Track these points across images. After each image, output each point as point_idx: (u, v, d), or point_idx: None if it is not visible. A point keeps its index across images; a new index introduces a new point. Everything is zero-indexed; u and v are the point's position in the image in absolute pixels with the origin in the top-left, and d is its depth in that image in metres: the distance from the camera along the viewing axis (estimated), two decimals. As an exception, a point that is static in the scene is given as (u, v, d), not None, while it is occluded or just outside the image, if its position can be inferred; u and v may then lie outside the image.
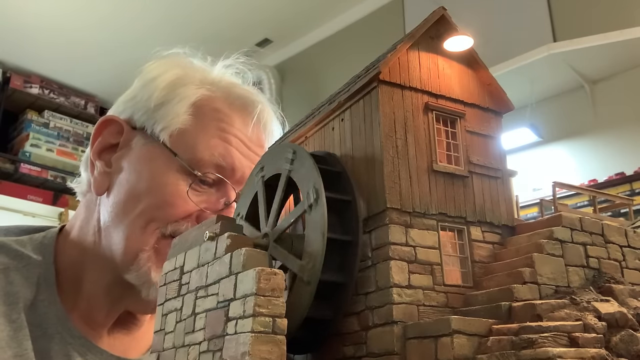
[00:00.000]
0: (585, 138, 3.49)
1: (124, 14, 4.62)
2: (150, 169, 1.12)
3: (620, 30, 3.08)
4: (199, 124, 1.14)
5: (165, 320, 0.84)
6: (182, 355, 0.76)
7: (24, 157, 5.44)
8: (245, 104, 1.21)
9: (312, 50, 5.39)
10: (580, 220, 0.85)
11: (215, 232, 0.78)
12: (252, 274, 0.66)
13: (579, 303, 0.73)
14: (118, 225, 1.11)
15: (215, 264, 0.75)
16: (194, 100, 1.16)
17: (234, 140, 1.15)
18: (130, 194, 1.11)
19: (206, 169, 1.12)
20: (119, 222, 1.11)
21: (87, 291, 1.13)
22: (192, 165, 1.11)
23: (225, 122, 1.16)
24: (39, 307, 1.07)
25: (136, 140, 1.16)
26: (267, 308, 0.65)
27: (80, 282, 1.14)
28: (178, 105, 1.14)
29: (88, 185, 1.22)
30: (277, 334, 0.65)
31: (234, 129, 1.16)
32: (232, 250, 0.73)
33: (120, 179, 1.13)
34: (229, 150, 1.14)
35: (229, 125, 1.16)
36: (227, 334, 0.68)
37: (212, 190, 1.13)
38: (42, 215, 5.11)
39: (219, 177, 1.12)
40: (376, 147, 0.86)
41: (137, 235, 1.08)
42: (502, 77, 1.89)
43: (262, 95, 1.24)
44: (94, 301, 1.13)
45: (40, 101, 5.67)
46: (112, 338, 1.16)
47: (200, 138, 1.13)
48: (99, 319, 1.13)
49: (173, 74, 1.18)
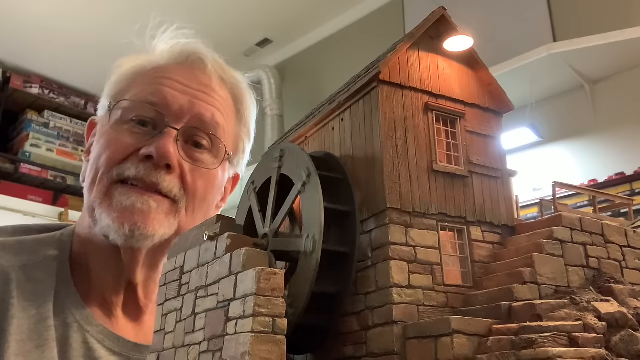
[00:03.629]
0: (585, 138, 3.49)
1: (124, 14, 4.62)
2: (99, 132, 1.21)
3: (620, 30, 3.08)
4: (132, 81, 1.22)
5: (165, 320, 0.84)
6: (182, 355, 0.76)
7: (24, 157, 5.43)
8: (180, 53, 1.26)
9: (312, 50, 5.39)
10: (580, 220, 0.85)
11: (215, 232, 0.78)
12: (252, 274, 0.66)
13: (579, 303, 0.73)
14: (85, 194, 1.19)
15: (215, 264, 0.75)
16: (131, 66, 1.24)
17: (166, 81, 1.20)
18: (90, 163, 1.19)
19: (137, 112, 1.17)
20: (85, 190, 1.19)
21: (95, 275, 1.18)
22: None
23: (158, 71, 1.22)
24: (58, 299, 1.11)
25: (99, 124, 1.25)
26: (267, 308, 0.65)
27: (89, 269, 1.18)
28: (117, 75, 1.23)
29: None
30: (277, 334, 0.65)
31: (168, 73, 1.21)
32: (232, 250, 0.73)
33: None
34: (158, 88, 1.18)
35: (161, 72, 1.21)
36: (227, 334, 0.68)
37: (152, 130, 1.17)
38: (42, 215, 5.10)
39: (150, 109, 1.15)
40: (376, 147, 0.86)
41: (92, 189, 1.15)
42: (502, 77, 1.89)
43: (203, 47, 1.29)
44: (102, 282, 1.17)
45: (40, 101, 5.67)
46: (125, 325, 1.20)
47: (133, 88, 1.20)
48: (109, 298, 1.17)
49: (122, 64, 1.27)
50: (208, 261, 0.77)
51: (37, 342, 1.04)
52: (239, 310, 0.67)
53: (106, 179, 1.12)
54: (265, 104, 5.12)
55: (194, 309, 0.77)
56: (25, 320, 1.05)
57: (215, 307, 0.72)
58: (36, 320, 1.06)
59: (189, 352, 0.75)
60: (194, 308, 0.77)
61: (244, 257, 0.69)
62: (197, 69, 1.23)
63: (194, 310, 0.77)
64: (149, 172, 1.10)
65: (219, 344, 0.69)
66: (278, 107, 5.17)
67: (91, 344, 1.09)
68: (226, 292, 0.70)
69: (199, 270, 0.78)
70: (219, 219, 0.79)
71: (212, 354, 0.70)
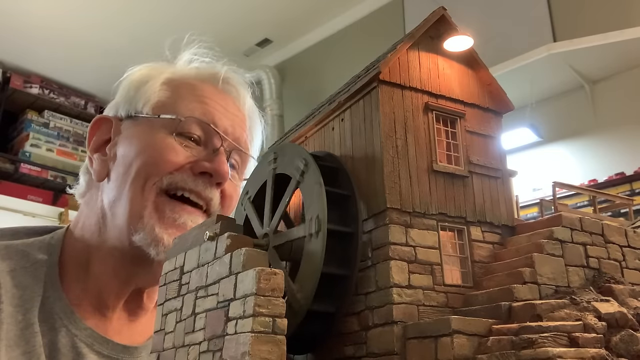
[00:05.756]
0: (585, 138, 3.49)
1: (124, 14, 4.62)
2: (139, 137, 1.21)
3: (620, 30, 3.08)
4: (175, 94, 1.25)
5: (165, 320, 0.84)
6: (182, 355, 0.76)
7: (24, 157, 5.44)
8: (212, 75, 1.31)
9: (312, 50, 5.39)
10: (580, 220, 0.85)
11: (215, 232, 0.78)
12: (252, 274, 0.66)
13: (579, 303, 0.73)
14: (121, 196, 1.18)
15: (215, 264, 0.75)
16: (167, 77, 1.27)
17: (211, 102, 1.26)
18: (126, 164, 1.19)
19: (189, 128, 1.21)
20: (120, 192, 1.18)
21: (95, 279, 1.18)
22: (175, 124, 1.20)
23: (198, 90, 1.26)
24: (46, 304, 1.12)
25: (125, 125, 1.26)
26: (267, 308, 0.65)
27: (87, 273, 1.18)
28: (153, 83, 1.25)
29: (87, 186, 1.27)
30: (277, 334, 0.65)
31: (210, 95, 1.27)
32: (232, 250, 0.72)
33: (117, 160, 1.21)
34: (207, 109, 1.23)
35: (202, 92, 1.26)
36: (227, 334, 0.68)
37: (199, 147, 1.22)
38: (42, 215, 5.10)
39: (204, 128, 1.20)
40: (376, 147, 0.86)
41: (138, 195, 1.15)
42: (502, 77, 1.89)
43: (235, 75, 1.35)
44: (103, 286, 1.17)
45: (40, 101, 5.67)
46: (120, 326, 1.20)
47: (179, 103, 1.23)
48: (109, 302, 1.17)
49: (143, 69, 1.30)
50: (208, 261, 0.77)
51: (24, 349, 1.04)
52: (239, 310, 0.67)
53: (156, 187, 1.15)
54: (265, 104, 5.12)
55: (194, 309, 0.77)
56: (13, 326, 1.05)
57: (215, 307, 0.72)
58: (23, 326, 1.06)
59: (189, 352, 0.75)
60: (194, 308, 0.77)
61: (244, 257, 0.69)
62: (230, 95, 1.32)
63: (194, 310, 0.77)
64: (205, 187, 1.17)
65: (219, 344, 0.69)
66: (278, 107, 5.17)
67: (80, 347, 1.10)
68: (226, 292, 0.70)
69: (199, 270, 0.78)
70: (219, 219, 0.79)
71: (212, 354, 0.70)
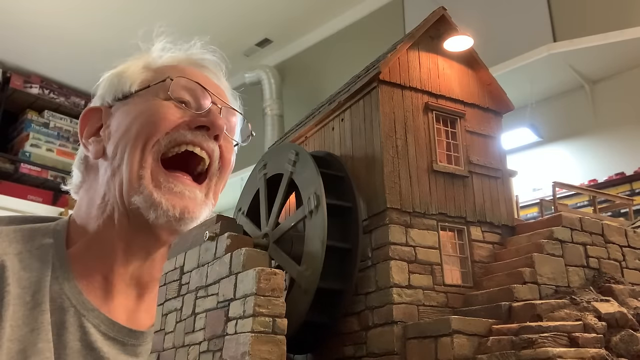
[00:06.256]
0: (585, 138, 3.49)
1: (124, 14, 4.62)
2: (133, 108, 1.23)
3: (620, 30, 3.08)
4: (157, 72, 1.27)
5: (165, 320, 0.84)
6: (182, 355, 0.76)
7: (24, 157, 5.43)
8: (188, 56, 1.33)
9: (312, 50, 5.38)
10: (580, 220, 0.85)
11: (215, 232, 0.78)
12: (252, 274, 0.66)
13: (579, 303, 0.73)
14: (122, 162, 1.19)
15: (215, 264, 0.75)
16: (147, 62, 1.29)
17: (193, 73, 1.27)
18: (124, 132, 1.20)
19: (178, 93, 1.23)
20: (121, 158, 1.19)
21: (99, 253, 1.19)
22: None
23: (179, 67, 1.28)
24: (54, 284, 1.14)
25: (115, 108, 1.28)
26: (267, 308, 0.65)
27: (94, 254, 1.19)
28: (135, 69, 1.27)
29: (83, 175, 1.30)
30: (277, 334, 0.65)
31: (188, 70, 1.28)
32: (232, 250, 0.72)
33: (113, 134, 1.23)
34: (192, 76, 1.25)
35: (183, 68, 1.28)
36: (227, 334, 0.68)
37: (191, 110, 1.23)
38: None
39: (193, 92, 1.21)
40: (376, 147, 0.86)
41: (138, 156, 1.16)
42: (502, 77, 1.89)
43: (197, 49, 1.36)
44: (107, 261, 1.19)
45: (40, 101, 5.66)
46: (123, 310, 1.21)
47: (164, 74, 1.25)
48: (114, 280, 1.19)
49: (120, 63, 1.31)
50: (208, 261, 0.77)
51: (32, 326, 1.07)
52: (239, 310, 0.66)
53: (156, 148, 1.16)
54: (265, 104, 5.12)
55: (194, 309, 0.77)
56: (21, 307, 1.07)
57: (215, 307, 0.72)
58: (31, 306, 1.09)
59: (189, 352, 0.74)
60: (194, 308, 0.77)
61: (244, 257, 0.69)
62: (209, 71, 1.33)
63: (194, 310, 0.77)
64: (205, 139, 1.17)
65: (219, 344, 0.69)
66: (278, 107, 5.16)
67: (87, 327, 1.12)
68: (226, 292, 0.70)
69: (199, 270, 0.78)
70: (219, 219, 0.79)
71: (212, 354, 0.69)
